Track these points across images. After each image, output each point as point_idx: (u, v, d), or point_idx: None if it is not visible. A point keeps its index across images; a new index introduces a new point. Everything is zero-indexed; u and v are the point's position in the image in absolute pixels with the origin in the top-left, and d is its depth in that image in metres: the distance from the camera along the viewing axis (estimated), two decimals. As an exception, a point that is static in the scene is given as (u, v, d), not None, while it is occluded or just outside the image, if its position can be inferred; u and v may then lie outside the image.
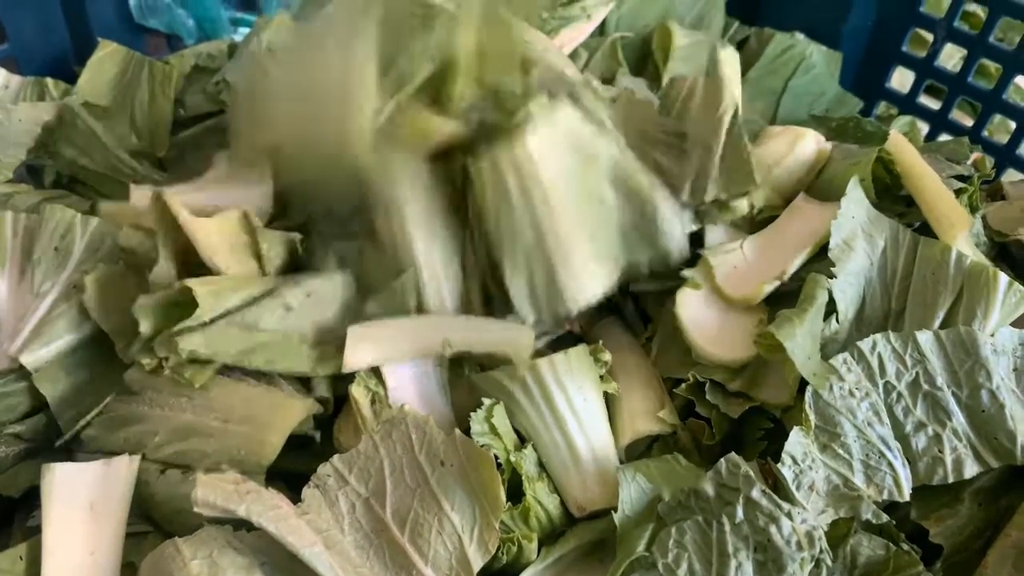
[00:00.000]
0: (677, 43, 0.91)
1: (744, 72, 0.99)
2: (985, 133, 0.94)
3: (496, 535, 0.52)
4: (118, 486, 0.54)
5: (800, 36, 0.98)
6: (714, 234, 0.68)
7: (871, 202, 0.66)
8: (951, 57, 0.96)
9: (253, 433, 0.57)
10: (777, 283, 0.63)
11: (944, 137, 0.96)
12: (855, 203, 0.65)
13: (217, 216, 0.58)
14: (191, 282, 0.57)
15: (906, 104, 0.98)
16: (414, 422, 0.55)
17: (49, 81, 0.86)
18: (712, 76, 0.69)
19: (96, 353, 0.64)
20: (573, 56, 0.93)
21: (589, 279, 0.61)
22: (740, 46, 1.05)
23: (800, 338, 0.57)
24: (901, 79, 1.02)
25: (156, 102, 0.88)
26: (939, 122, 0.96)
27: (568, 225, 0.60)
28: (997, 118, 0.92)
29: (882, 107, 1.03)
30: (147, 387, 0.60)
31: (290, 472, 0.59)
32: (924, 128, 0.98)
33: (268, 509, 0.50)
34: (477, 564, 0.52)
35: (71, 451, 0.61)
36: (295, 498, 0.59)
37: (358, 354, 0.60)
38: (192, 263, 0.61)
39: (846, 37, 0.98)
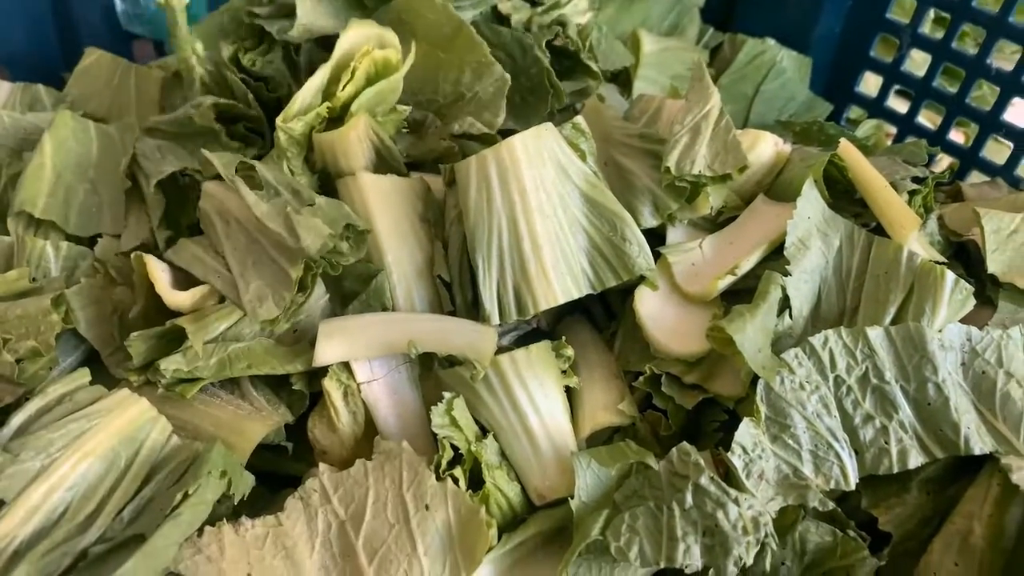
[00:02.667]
0: (645, 50, 0.93)
1: (717, 77, 1.02)
2: (951, 136, 0.96)
3: None
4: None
5: (771, 42, 1.01)
6: (675, 234, 0.70)
7: (827, 203, 0.69)
8: (923, 62, 0.98)
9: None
10: (731, 279, 0.65)
11: (912, 139, 0.98)
12: (811, 204, 0.67)
13: (192, 290, 0.62)
14: (182, 321, 0.61)
15: (875, 108, 1.01)
16: (409, 461, 0.56)
17: (41, 88, 0.89)
18: (700, 77, 0.72)
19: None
20: (549, 63, 0.95)
21: (558, 283, 0.63)
22: (715, 51, 1.08)
23: (751, 332, 0.59)
24: (873, 83, 1.04)
25: (143, 94, 0.91)
26: (907, 125, 0.98)
27: (542, 228, 0.63)
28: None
29: (856, 110, 1.06)
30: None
31: (267, 471, 0.62)
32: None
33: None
34: None
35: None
36: (272, 498, 0.62)
37: (329, 349, 0.62)
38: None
39: (816, 43, 1.01)
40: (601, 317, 0.73)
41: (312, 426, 0.64)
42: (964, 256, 0.75)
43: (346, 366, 0.63)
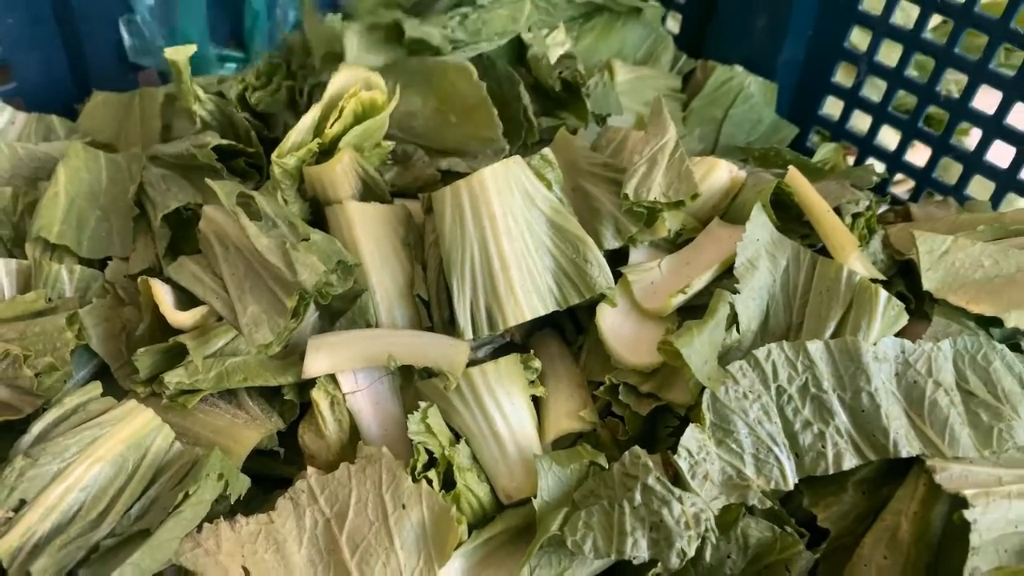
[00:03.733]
0: (619, 79, 0.99)
1: (688, 102, 1.08)
2: (908, 157, 1.02)
3: None
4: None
5: (739, 68, 1.07)
6: (637, 254, 0.76)
7: (776, 226, 0.75)
8: (880, 87, 1.04)
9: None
10: (683, 297, 0.71)
11: (871, 159, 1.05)
12: (759, 227, 0.73)
13: (193, 310, 0.69)
14: (183, 338, 0.67)
15: (837, 129, 1.07)
16: (388, 465, 0.62)
17: (55, 119, 0.96)
18: (659, 112, 0.78)
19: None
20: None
21: (525, 301, 0.69)
22: (687, 77, 1.14)
23: (698, 346, 0.65)
24: (836, 106, 1.10)
25: (147, 122, 0.98)
26: (867, 146, 1.04)
27: (511, 251, 0.69)
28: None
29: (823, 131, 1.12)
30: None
31: (261, 474, 0.69)
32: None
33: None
34: None
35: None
36: (265, 498, 0.68)
37: (317, 362, 0.68)
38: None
39: (781, 68, 1.07)
40: (570, 331, 0.79)
41: (302, 433, 0.70)
42: (909, 274, 0.81)
43: (333, 378, 0.69)
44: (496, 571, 0.62)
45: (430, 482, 0.62)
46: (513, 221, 0.69)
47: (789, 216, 0.78)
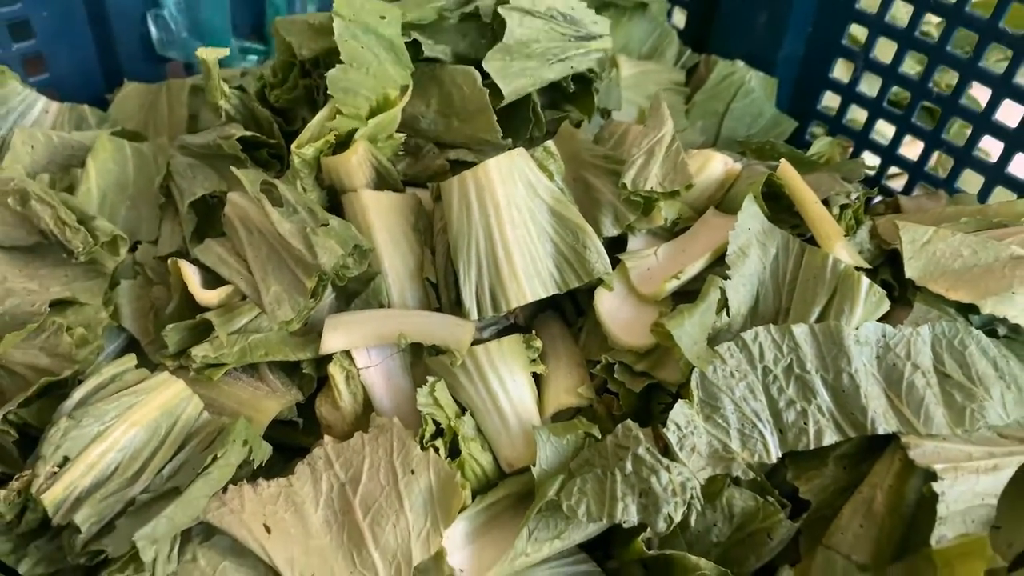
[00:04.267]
0: (624, 73, 1.03)
1: (691, 96, 1.12)
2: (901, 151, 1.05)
3: (440, 540, 0.64)
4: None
5: (740, 64, 1.10)
6: (635, 242, 0.81)
7: (767, 215, 0.79)
8: (875, 83, 1.07)
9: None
10: (676, 282, 0.75)
11: (867, 153, 1.08)
12: (751, 217, 0.77)
13: (219, 289, 0.74)
14: (210, 315, 0.72)
15: (835, 123, 1.10)
16: (399, 434, 0.67)
17: (87, 108, 1.01)
18: (657, 107, 0.82)
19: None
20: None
21: (527, 284, 0.74)
22: (691, 71, 1.18)
23: (688, 328, 0.69)
24: (835, 101, 1.13)
25: (174, 112, 1.03)
26: (863, 140, 1.08)
27: (514, 238, 0.73)
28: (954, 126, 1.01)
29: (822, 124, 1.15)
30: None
31: (282, 443, 0.74)
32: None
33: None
34: (417, 558, 0.64)
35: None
36: (285, 465, 0.73)
37: (333, 339, 0.73)
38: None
39: (781, 64, 1.10)
40: (571, 314, 0.84)
41: (319, 405, 0.75)
42: (895, 262, 0.85)
43: (348, 354, 0.74)
44: (498, 532, 0.67)
45: (437, 450, 0.68)
46: (516, 209, 0.73)
47: (780, 207, 0.82)
